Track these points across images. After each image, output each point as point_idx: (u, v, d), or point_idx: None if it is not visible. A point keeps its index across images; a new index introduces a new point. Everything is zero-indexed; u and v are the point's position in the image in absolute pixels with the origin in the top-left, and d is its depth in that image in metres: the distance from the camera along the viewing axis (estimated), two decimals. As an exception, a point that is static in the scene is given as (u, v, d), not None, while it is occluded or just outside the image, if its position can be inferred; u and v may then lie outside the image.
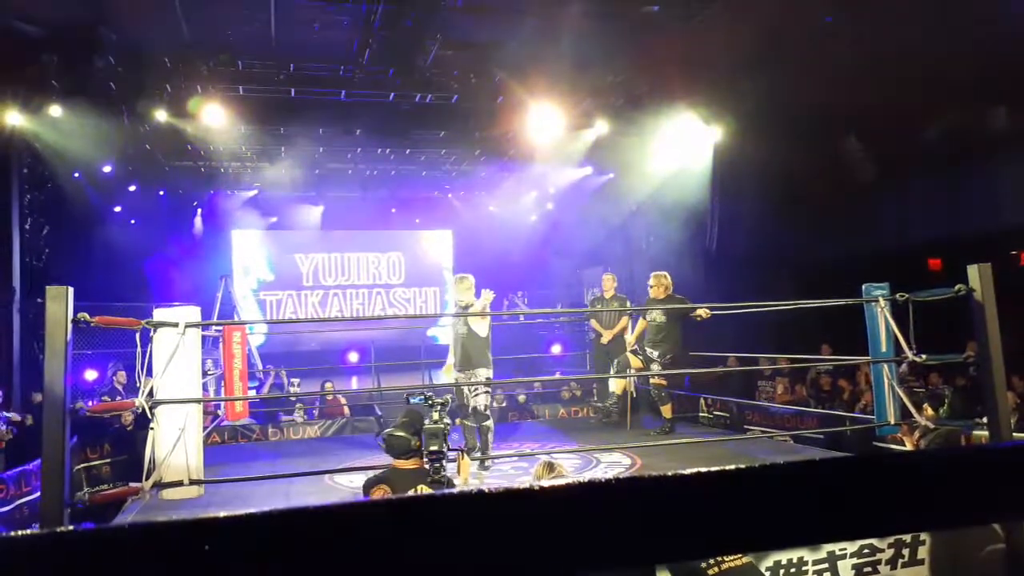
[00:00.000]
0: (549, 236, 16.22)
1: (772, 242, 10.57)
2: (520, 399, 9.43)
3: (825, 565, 3.85)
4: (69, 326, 3.51)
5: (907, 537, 3.94)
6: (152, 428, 4.30)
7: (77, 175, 11.16)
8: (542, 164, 13.25)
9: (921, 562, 4.00)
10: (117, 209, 13.25)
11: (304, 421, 8.45)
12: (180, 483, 4.35)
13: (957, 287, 4.62)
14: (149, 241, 13.75)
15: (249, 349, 8.71)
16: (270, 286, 16.44)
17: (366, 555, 0.58)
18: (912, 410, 5.17)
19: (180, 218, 15.20)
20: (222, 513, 0.57)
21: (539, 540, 0.60)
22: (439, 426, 3.74)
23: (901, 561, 3.98)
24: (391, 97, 10.71)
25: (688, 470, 0.63)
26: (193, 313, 4.70)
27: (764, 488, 0.65)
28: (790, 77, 8.51)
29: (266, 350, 13.14)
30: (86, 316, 3.69)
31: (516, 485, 0.63)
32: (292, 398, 8.95)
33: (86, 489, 4.52)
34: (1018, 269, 9.33)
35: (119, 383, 9.11)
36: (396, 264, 17.24)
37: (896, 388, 5.24)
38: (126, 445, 7.43)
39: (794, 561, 3.78)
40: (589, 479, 0.63)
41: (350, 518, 0.59)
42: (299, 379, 10.47)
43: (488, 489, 0.61)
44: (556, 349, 13.61)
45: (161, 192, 14.52)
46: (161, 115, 10.29)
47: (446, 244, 17.52)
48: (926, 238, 9.79)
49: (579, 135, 11.84)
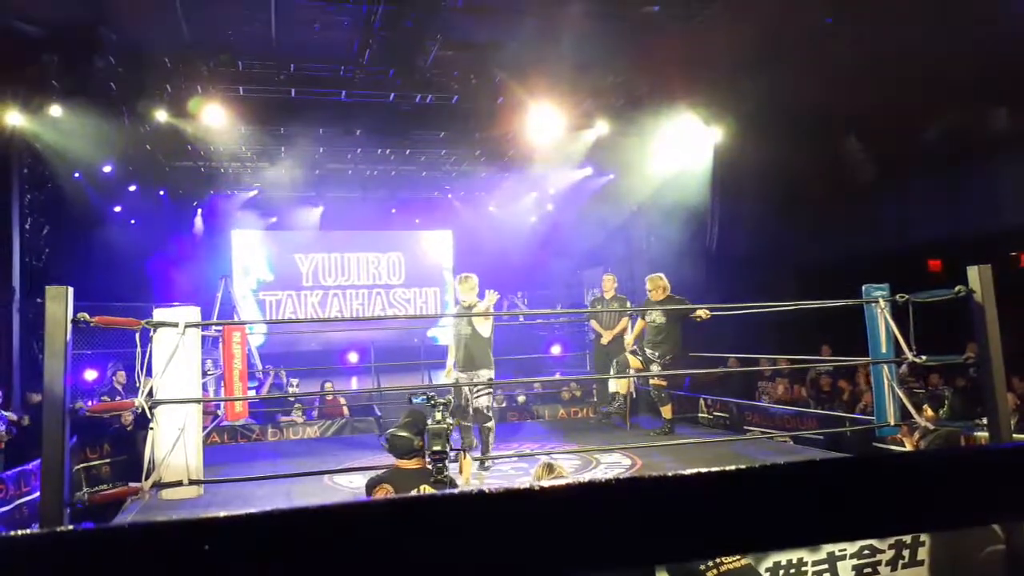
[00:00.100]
0: (549, 237, 16.21)
1: (772, 243, 10.57)
2: (520, 400, 9.43)
3: (825, 566, 3.85)
4: (69, 326, 3.51)
5: (907, 538, 3.94)
6: (152, 428, 4.31)
7: (77, 175, 11.16)
8: (542, 165, 13.24)
9: (921, 563, 4.00)
10: (117, 209, 13.25)
11: (304, 421, 8.45)
12: (180, 483, 4.36)
13: (957, 288, 4.63)
14: (149, 241, 13.75)
15: (249, 349, 8.70)
16: (269, 286, 16.44)
17: (366, 555, 0.58)
18: (912, 411, 5.17)
19: (180, 218, 15.19)
20: (222, 513, 0.57)
21: (539, 540, 0.60)
22: (442, 426, 3.74)
23: (901, 562, 3.98)
24: (391, 97, 10.72)
25: (688, 471, 0.63)
26: (193, 313, 4.71)
27: (764, 489, 0.65)
28: (790, 77, 8.51)
29: (266, 350, 13.13)
30: (86, 316, 3.69)
31: (516, 485, 0.63)
32: (291, 398, 8.94)
33: (85, 489, 4.51)
34: (1018, 270, 9.32)
35: (119, 383, 9.11)
36: (396, 264, 17.24)
37: (896, 389, 5.24)
38: (126, 445, 7.44)
39: (794, 562, 3.78)
40: (589, 479, 0.63)
41: (350, 518, 0.59)
42: (298, 379, 10.47)
43: (489, 489, 0.61)
44: (556, 350, 13.61)
45: (161, 192, 14.51)
46: (161, 115, 10.29)
47: (446, 244, 17.52)
48: (926, 239, 9.79)
49: (579, 136, 11.84)
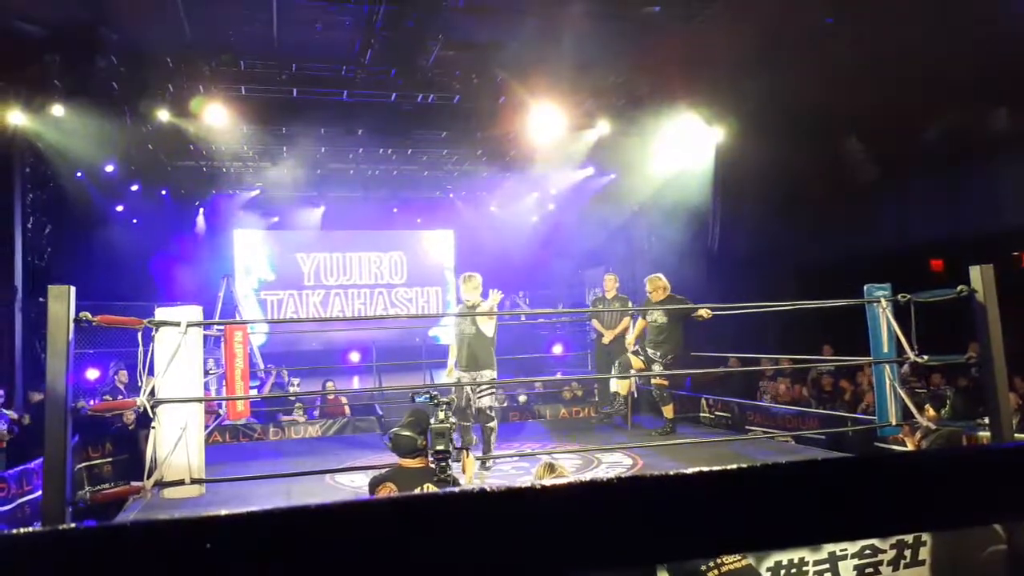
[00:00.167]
0: (551, 236, 16.21)
1: (774, 243, 10.57)
2: (521, 399, 9.42)
3: (826, 566, 3.84)
4: (71, 325, 3.52)
5: (909, 538, 3.94)
6: (153, 427, 4.31)
7: (79, 175, 11.18)
8: (544, 164, 13.24)
9: (923, 563, 3.99)
10: (119, 209, 13.27)
11: (305, 421, 8.45)
12: (181, 482, 4.36)
13: (959, 288, 4.62)
14: (151, 241, 13.77)
15: (251, 349, 8.71)
16: (271, 286, 16.46)
17: (368, 554, 0.58)
18: (914, 411, 5.17)
19: (182, 218, 15.21)
20: (223, 512, 0.57)
21: (540, 540, 0.60)
22: (445, 425, 3.74)
23: (903, 562, 3.97)
24: (393, 97, 10.72)
25: (689, 470, 0.63)
26: (195, 312, 4.70)
27: (765, 488, 0.65)
28: (791, 77, 8.51)
29: (267, 350, 13.14)
30: (88, 315, 3.70)
31: (517, 485, 0.63)
32: (293, 398, 8.94)
33: (87, 488, 4.53)
34: (1020, 270, 9.31)
35: (121, 382, 9.12)
36: (398, 264, 17.25)
37: (898, 389, 5.23)
38: (127, 444, 7.44)
39: (795, 562, 3.78)
40: (590, 479, 0.63)
41: (352, 517, 0.59)
42: (299, 379, 10.47)
43: (490, 488, 0.61)
44: (557, 349, 13.62)
45: (163, 192, 14.54)
46: (163, 115, 10.31)
47: (448, 244, 17.53)
48: (927, 239, 9.78)
49: (581, 136, 11.83)
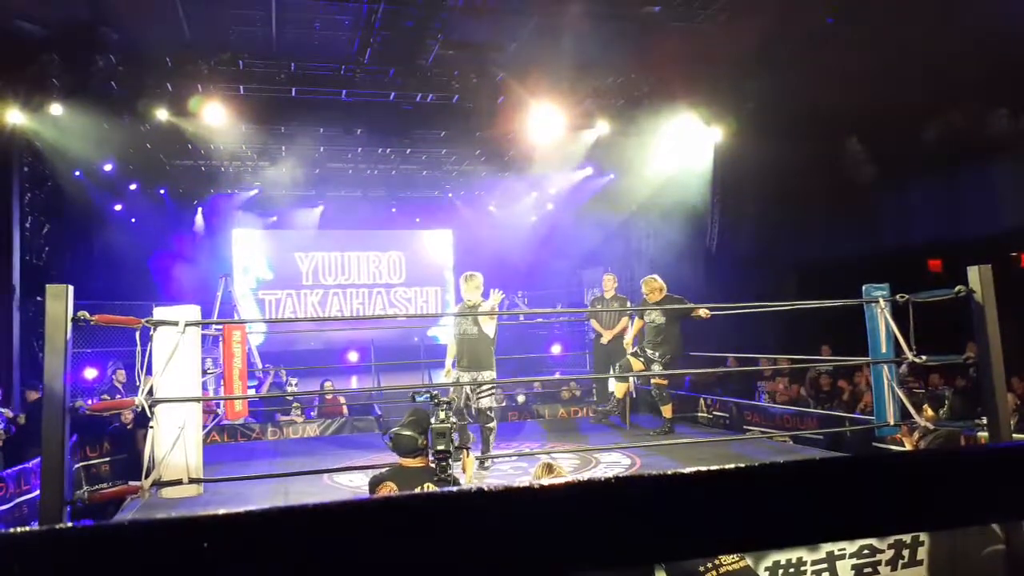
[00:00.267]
0: (549, 236, 16.21)
1: (772, 243, 10.57)
2: (520, 399, 9.42)
3: (824, 565, 3.85)
4: (69, 324, 3.51)
5: (907, 538, 3.94)
6: (152, 427, 4.31)
7: (78, 174, 11.17)
8: (543, 164, 13.24)
9: (920, 563, 4.00)
10: (118, 208, 13.27)
11: (303, 420, 8.45)
12: (179, 482, 4.36)
13: (957, 288, 4.63)
14: (150, 240, 13.77)
15: (249, 348, 8.70)
16: (269, 285, 16.45)
17: (365, 554, 0.58)
18: (912, 411, 5.17)
19: (181, 217, 15.21)
20: (221, 511, 0.57)
21: (539, 539, 0.60)
22: (446, 425, 3.74)
23: (901, 562, 3.98)
24: (392, 97, 10.72)
25: (687, 470, 0.63)
26: (193, 312, 4.71)
27: (763, 488, 0.65)
28: (791, 77, 8.51)
29: (265, 349, 13.14)
30: (86, 314, 3.69)
31: (515, 484, 0.63)
32: (290, 397, 8.94)
33: (85, 487, 4.51)
34: (1018, 270, 9.32)
35: (119, 382, 9.10)
36: (396, 263, 17.25)
37: (896, 389, 5.24)
38: (125, 444, 7.43)
39: (793, 561, 3.78)
40: (588, 478, 0.63)
41: (349, 516, 0.59)
42: (297, 379, 10.46)
43: (488, 488, 0.61)
44: (556, 349, 13.63)
45: (162, 191, 14.53)
46: (162, 114, 10.29)
47: (446, 244, 17.53)
48: (926, 239, 9.79)
49: (580, 135, 11.83)
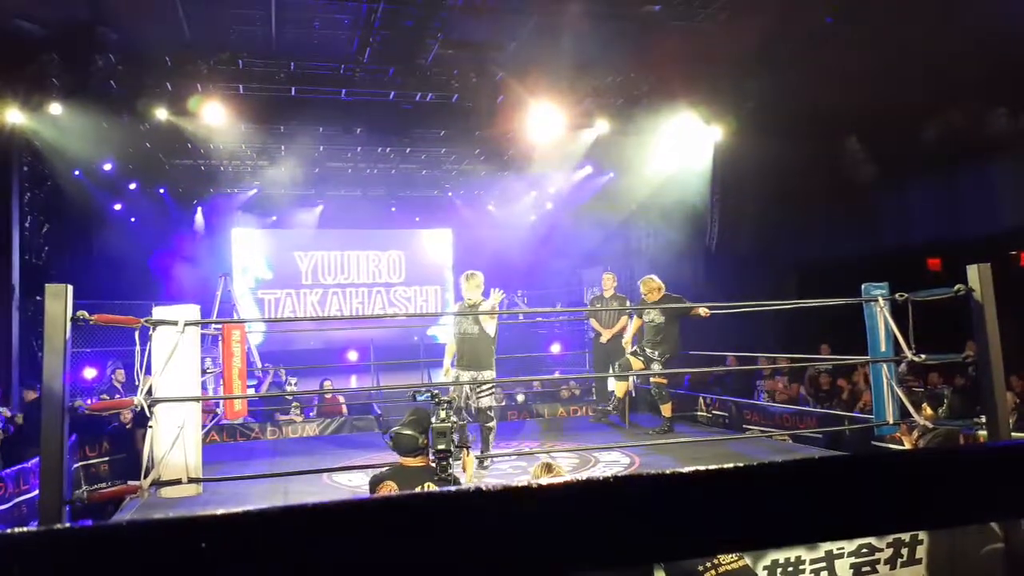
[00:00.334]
0: (549, 235, 16.22)
1: (772, 242, 10.58)
2: (519, 398, 9.43)
3: (823, 564, 3.85)
4: (68, 324, 3.51)
5: (905, 536, 3.94)
6: (151, 426, 4.31)
7: (77, 173, 11.16)
8: (542, 164, 13.25)
9: (919, 561, 4.00)
10: (117, 207, 13.27)
11: (302, 420, 8.45)
12: (178, 481, 4.36)
13: (956, 287, 4.63)
14: (149, 239, 13.76)
15: (248, 347, 8.70)
16: (268, 284, 16.44)
17: (365, 553, 0.58)
18: (911, 410, 5.18)
19: (180, 216, 15.20)
20: (220, 511, 0.57)
21: (538, 538, 0.60)
22: (446, 425, 3.74)
23: (900, 561, 3.98)
24: (391, 96, 10.71)
25: (686, 469, 0.63)
26: (192, 311, 4.70)
27: (762, 487, 0.65)
28: (791, 77, 8.51)
29: (265, 348, 13.13)
30: (85, 314, 3.69)
31: (514, 483, 0.63)
32: (290, 397, 8.93)
33: (84, 487, 4.52)
34: (1018, 269, 9.33)
35: (118, 381, 9.09)
36: (396, 263, 17.24)
37: (895, 388, 5.24)
38: (125, 443, 7.43)
39: (791, 560, 3.78)
40: (587, 477, 0.63)
41: (349, 516, 0.59)
42: (296, 378, 10.45)
43: (487, 487, 0.61)
44: (555, 348, 13.63)
45: (161, 190, 14.53)
46: (161, 113, 10.29)
47: (446, 243, 17.52)
48: (926, 238, 9.79)
49: (579, 135, 11.83)
